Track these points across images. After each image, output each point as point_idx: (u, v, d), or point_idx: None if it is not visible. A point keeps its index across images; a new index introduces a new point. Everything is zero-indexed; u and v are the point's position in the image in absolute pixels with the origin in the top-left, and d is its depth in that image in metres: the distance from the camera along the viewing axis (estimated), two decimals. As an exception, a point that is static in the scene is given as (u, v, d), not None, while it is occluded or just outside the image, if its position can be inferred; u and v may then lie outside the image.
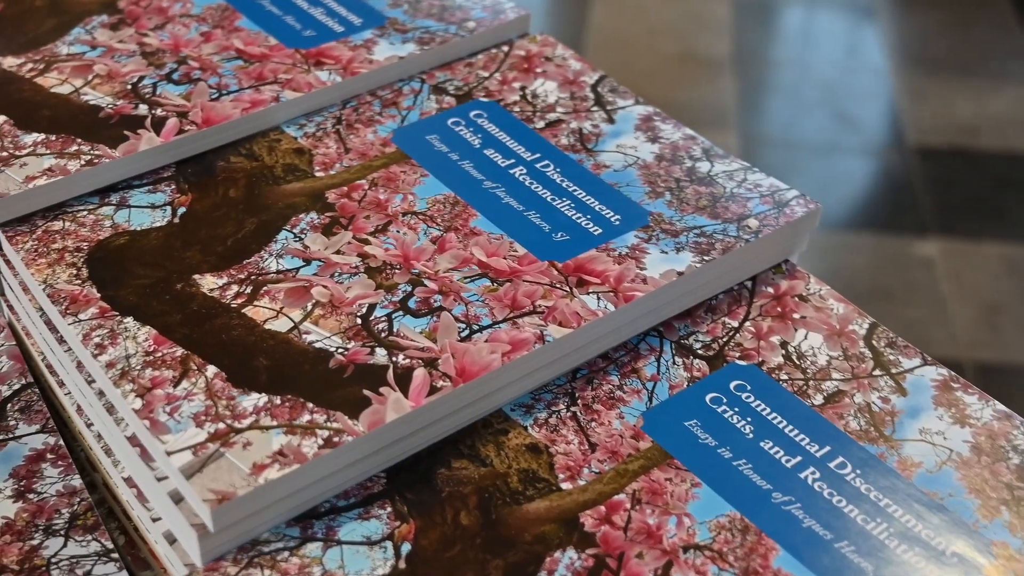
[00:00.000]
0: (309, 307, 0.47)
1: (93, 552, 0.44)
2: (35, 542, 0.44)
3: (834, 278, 1.55)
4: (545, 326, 0.46)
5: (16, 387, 0.50)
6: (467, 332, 0.46)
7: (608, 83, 0.61)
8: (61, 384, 0.49)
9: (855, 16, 2.19)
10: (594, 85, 0.61)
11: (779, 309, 0.52)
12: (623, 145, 0.57)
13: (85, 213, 0.52)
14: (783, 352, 0.50)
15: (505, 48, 0.64)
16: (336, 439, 0.41)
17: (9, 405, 0.49)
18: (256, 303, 0.47)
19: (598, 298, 0.48)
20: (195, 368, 0.44)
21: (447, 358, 0.45)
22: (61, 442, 0.48)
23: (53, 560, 0.43)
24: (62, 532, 0.44)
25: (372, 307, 0.47)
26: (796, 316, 0.51)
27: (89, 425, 0.47)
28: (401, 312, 0.47)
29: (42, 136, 0.54)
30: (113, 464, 0.46)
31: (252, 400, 0.43)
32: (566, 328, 0.46)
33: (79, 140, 0.53)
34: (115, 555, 0.44)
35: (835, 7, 2.22)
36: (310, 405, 0.43)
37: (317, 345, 0.45)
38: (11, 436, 0.48)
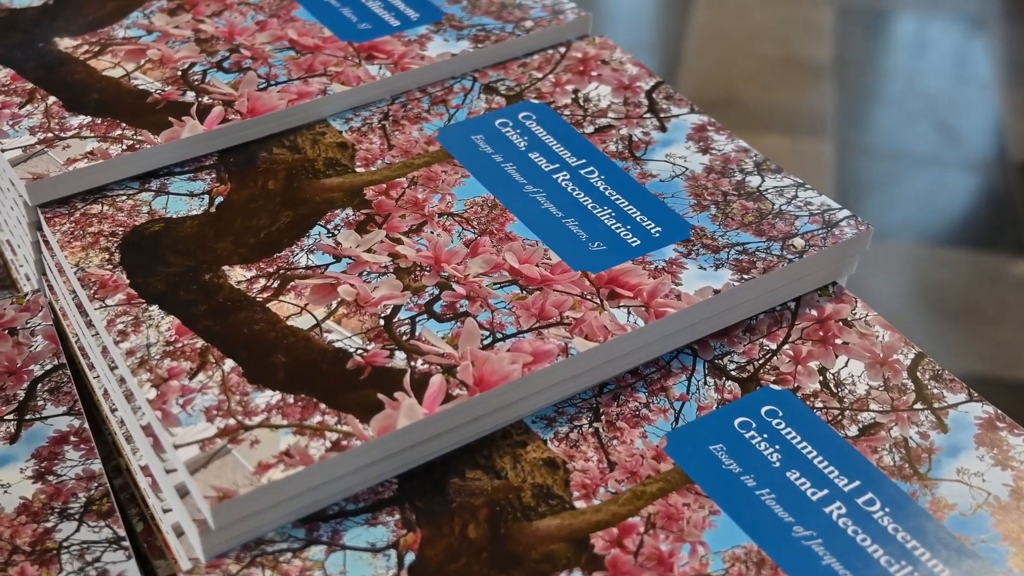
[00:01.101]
0: (334, 305, 0.46)
1: (104, 539, 0.44)
2: (49, 524, 0.44)
3: (925, 293, 1.51)
4: (571, 338, 0.45)
5: (48, 367, 0.50)
6: (490, 340, 0.45)
7: (664, 90, 0.60)
8: (91, 367, 0.50)
9: (965, 26, 2.13)
10: (649, 91, 0.60)
11: (821, 333, 0.50)
12: (672, 155, 0.55)
13: (124, 198, 0.52)
14: (821, 379, 0.48)
15: (562, 49, 0.63)
16: (344, 443, 0.41)
17: (40, 385, 0.49)
18: (281, 298, 0.47)
19: (629, 312, 0.46)
20: (213, 361, 0.44)
21: (466, 366, 0.44)
22: (86, 425, 0.48)
23: (64, 544, 0.43)
24: (76, 516, 0.44)
25: (397, 309, 0.46)
26: (838, 341, 0.49)
27: (113, 410, 0.48)
28: (425, 316, 0.46)
29: (88, 119, 0.54)
30: (132, 452, 0.46)
31: (266, 397, 0.42)
32: (592, 342, 0.45)
33: (123, 124, 0.54)
34: (126, 543, 0.43)
35: (946, 16, 2.16)
36: (322, 406, 0.42)
37: (337, 345, 0.45)
38: (38, 416, 0.48)
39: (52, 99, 0.55)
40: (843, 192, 1.66)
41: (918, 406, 0.47)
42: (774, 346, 0.49)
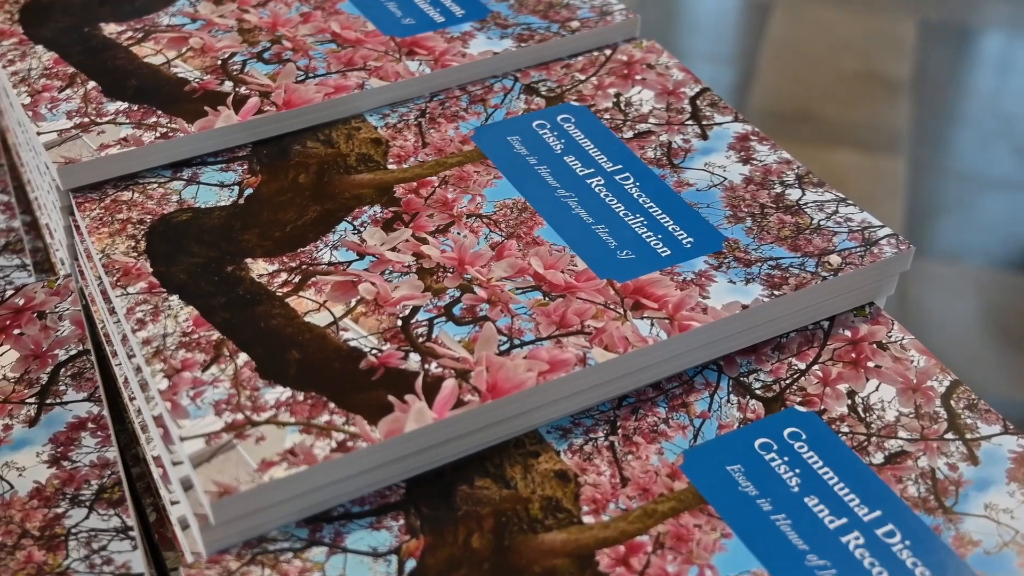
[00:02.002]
0: (353, 303, 0.46)
1: (112, 528, 0.44)
2: (60, 510, 0.44)
3: (992, 318, 1.47)
4: (590, 348, 0.44)
5: (73, 353, 0.50)
6: (507, 346, 0.44)
7: (709, 97, 0.58)
8: (114, 355, 0.50)
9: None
10: (693, 98, 0.58)
11: (853, 355, 0.48)
12: (712, 164, 0.54)
13: (156, 185, 0.52)
14: (849, 402, 0.46)
15: (608, 51, 0.62)
16: (350, 444, 0.40)
17: (63, 370, 0.50)
18: (301, 294, 0.46)
19: (652, 324, 0.45)
20: (227, 354, 0.44)
21: (480, 371, 0.43)
22: (104, 412, 0.48)
23: (73, 531, 0.43)
24: (87, 503, 0.44)
25: (416, 310, 0.46)
26: (870, 364, 0.48)
27: (132, 399, 0.48)
28: (444, 318, 0.45)
29: (125, 105, 0.54)
30: (147, 441, 0.46)
31: (276, 393, 0.42)
32: (611, 353, 0.44)
33: (159, 112, 0.54)
34: (133, 533, 0.43)
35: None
36: (332, 405, 0.42)
37: (352, 343, 0.44)
38: (58, 401, 0.48)
39: (92, 84, 0.55)
40: (915, 212, 1.62)
41: (949, 436, 0.45)
42: (803, 366, 0.48)
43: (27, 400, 0.48)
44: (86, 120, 0.53)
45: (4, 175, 0.65)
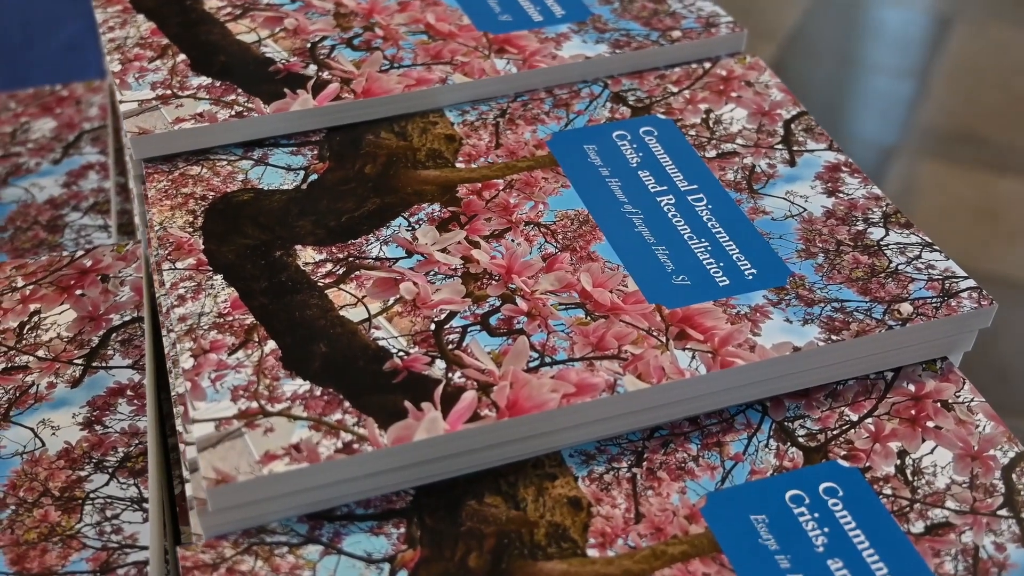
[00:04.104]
0: (391, 301, 0.45)
1: (129, 497, 0.44)
2: (83, 473, 0.45)
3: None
4: (622, 375, 0.42)
5: (127, 319, 0.51)
6: (537, 363, 0.43)
7: (805, 121, 0.55)
8: (163, 325, 0.50)
9: None
10: (789, 121, 0.56)
11: (912, 412, 0.45)
12: (794, 192, 0.51)
13: (225, 163, 0.52)
14: (898, 462, 0.43)
15: (707, 64, 0.59)
16: (356, 446, 0.40)
17: (114, 335, 0.50)
18: (342, 286, 0.46)
19: (693, 356, 0.43)
20: (256, 340, 0.43)
21: (504, 386, 0.42)
22: (144, 381, 0.49)
23: (91, 495, 0.44)
24: (110, 470, 0.45)
25: (452, 315, 0.45)
26: (930, 424, 0.44)
27: (170, 371, 0.48)
28: (479, 327, 0.44)
29: (208, 81, 0.55)
30: (177, 415, 0.46)
31: (295, 386, 0.42)
32: (644, 383, 0.42)
33: (239, 90, 0.54)
34: (147, 505, 0.44)
35: None
36: (346, 404, 0.41)
37: (381, 343, 0.43)
38: (103, 365, 0.49)
39: (181, 57, 0.56)
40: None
41: (1003, 512, 0.41)
42: (855, 417, 0.45)
43: (75, 361, 0.49)
44: (168, 92, 0.54)
45: (107, 137, 0.67)
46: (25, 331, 0.50)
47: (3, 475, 0.45)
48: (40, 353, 0.49)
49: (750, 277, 0.47)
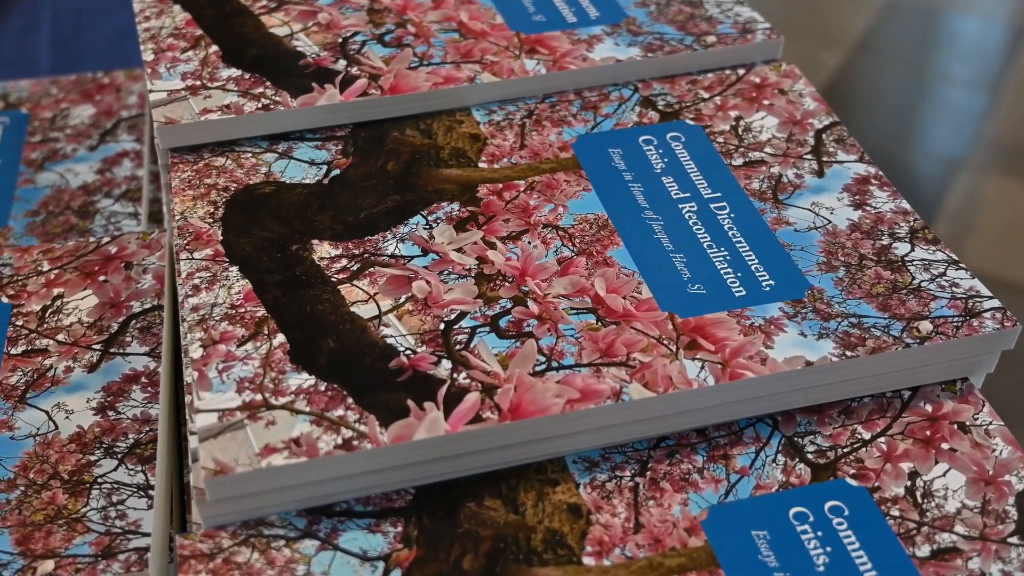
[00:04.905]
0: (402, 299, 0.45)
1: (135, 484, 0.44)
2: (93, 458, 0.45)
3: None
4: (628, 383, 0.42)
5: (147, 306, 0.52)
6: (544, 367, 0.43)
7: (837, 132, 0.55)
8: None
9: None
10: (820, 131, 0.55)
11: (927, 433, 0.44)
12: (819, 204, 0.50)
13: (249, 155, 0.52)
14: (908, 483, 0.42)
15: (741, 71, 0.58)
16: (356, 443, 0.40)
17: (133, 322, 0.51)
18: (355, 282, 0.46)
19: (702, 367, 0.43)
20: (266, 333, 0.44)
21: (508, 389, 0.42)
22: (159, 369, 0.49)
23: (99, 480, 0.45)
24: (119, 456, 0.45)
25: (462, 315, 0.45)
26: (944, 446, 0.43)
27: (183, 360, 0.48)
28: (488, 328, 0.44)
29: (239, 73, 0.55)
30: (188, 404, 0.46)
31: (300, 380, 0.42)
32: (650, 392, 0.42)
33: (267, 83, 0.54)
34: (152, 492, 0.44)
35: None
36: (349, 400, 0.41)
37: (389, 340, 0.43)
38: (121, 352, 0.50)
39: (213, 48, 0.57)
40: None
41: (1013, 540, 0.40)
42: (868, 436, 0.44)
43: (93, 346, 0.50)
44: (197, 83, 0.54)
45: (144, 125, 0.68)
46: (47, 315, 0.51)
47: (16, 456, 0.45)
48: (60, 337, 0.50)
49: (767, 289, 0.46)
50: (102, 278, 0.53)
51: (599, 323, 0.44)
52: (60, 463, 0.45)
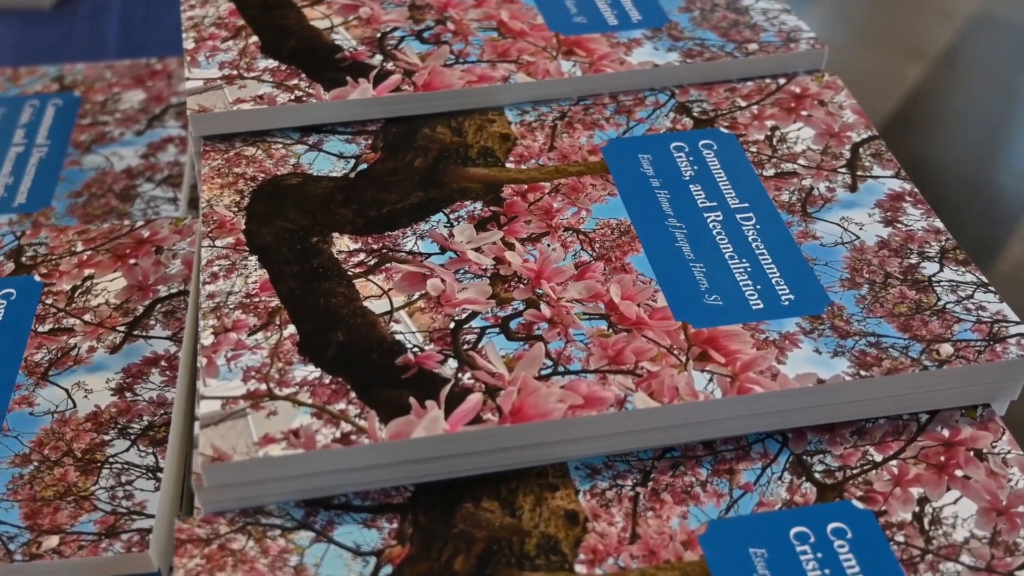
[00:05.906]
0: (415, 296, 0.45)
1: (145, 465, 0.45)
2: (107, 438, 0.46)
3: None
4: (633, 392, 0.42)
5: (173, 291, 0.52)
6: (550, 371, 0.42)
7: (875, 146, 0.53)
8: (206, 300, 0.51)
9: None
10: (858, 144, 0.54)
11: (941, 458, 0.43)
12: (849, 219, 0.49)
13: (280, 146, 0.53)
14: (916, 509, 0.41)
15: (782, 80, 0.58)
16: (354, 437, 0.40)
17: (158, 306, 0.52)
18: (371, 277, 0.46)
19: (711, 379, 0.42)
20: (277, 324, 0.44)
21: (511, 392, 0.41)
22: (179, 354, 0.50)
23: (111, 460, 0.45)
24: (132, 437, 0.46)
25: (473, 315, 0.44)
26: (958, 473, 0.42)
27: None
28: (497, 329, 0.44)
29: (275, 64, 0.55)
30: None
31: (306, 372, 0.42)
32: (654, 401, 0.41)
33: (302, 75, 0.55)
34: (160, 475, 0.45)
35: None
36: (352, 394, 0.41)
37: (397, 337, 0.44)
38: (143, 334, 0.50)
39: (253, 39, 0.57)
40: None
41: (1021, 574, 0.39)
42: (879, 458, 0.43)
43: (118, 328, 0.51)
44: (234, 73, 0.55)
45: (191, 112, 0.69)
46: (76, 295, 0.52)
47: (33, 432, 0.46)
48: (87, 317, 0.51)
49: (786, 303, 0.45)
50: (132, 261, 0.53)
51: (610, 330, 0.44)
52: (75, 441, 0.46)
